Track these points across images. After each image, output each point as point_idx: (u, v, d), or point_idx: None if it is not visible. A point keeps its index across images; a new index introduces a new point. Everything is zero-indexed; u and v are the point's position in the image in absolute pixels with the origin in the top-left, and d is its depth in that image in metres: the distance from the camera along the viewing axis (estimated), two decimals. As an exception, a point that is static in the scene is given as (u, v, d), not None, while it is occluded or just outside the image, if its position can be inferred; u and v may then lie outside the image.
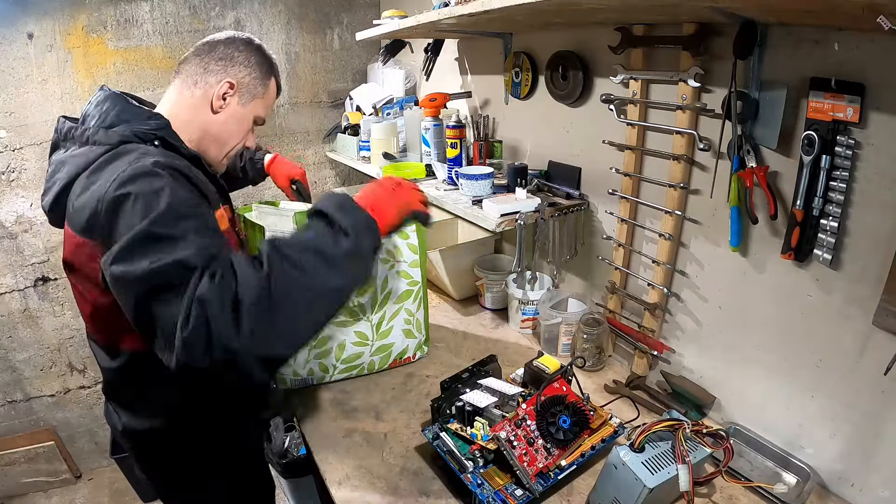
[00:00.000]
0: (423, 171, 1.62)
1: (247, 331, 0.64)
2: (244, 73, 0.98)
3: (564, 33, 1.35)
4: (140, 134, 0.86)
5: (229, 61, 0.96)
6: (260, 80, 1.01)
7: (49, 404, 2.15)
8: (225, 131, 0.99)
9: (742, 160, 0.95)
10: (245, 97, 0.99)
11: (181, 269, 0.67)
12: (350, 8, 2.28)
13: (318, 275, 0.70)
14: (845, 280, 0.88)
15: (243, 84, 0.98)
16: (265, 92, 1.03)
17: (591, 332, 1.30)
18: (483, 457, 0.94)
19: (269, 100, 1.05)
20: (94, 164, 0.80)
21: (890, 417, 0.84)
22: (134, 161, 0.77)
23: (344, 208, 0.77)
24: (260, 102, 1.03)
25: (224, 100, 0.96)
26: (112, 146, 0.83)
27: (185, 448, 1.02)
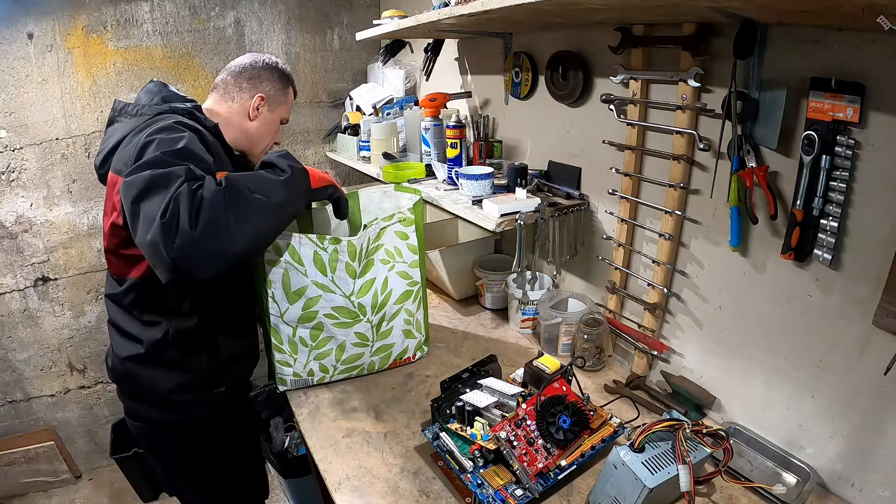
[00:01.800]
0: (423, 171, 1.62)
1: (203, 221, 0.81)
2: (269, 87, 1.25)
3: (564, 33, 1.35)
4: (176, 109, 1.10)
5: (257, 80, 1.24)
6: (282, 90, 1.28)
7: (49, 404, 2.15)
8: (259, 132, 1.26)
9: (742, 160, 0.95)
10: (272, 105, 1.27)
11: (170, 177, 0.85)
12: (350, 8, 2.28)
13: (261, 191, 0.91)
14: (845, 280, 0.88)
15: (270, 95, 1.25)
16: (286, 99, 1.31)
17: (591, 332, 1.30)
18: (483, 457, 0.94)
19: (289, 104, 1.33)
20: (138, 127, 1.02)
21: (890, 417, 0.84)
22: (165, 120, 1.01)
23: (283, 157, 1.02)
24: (284, 107, 1.30)
25: (258, 110, 1.24)
26: (152, 116, 1.06)
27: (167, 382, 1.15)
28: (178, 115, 1.07)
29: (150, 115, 1.07)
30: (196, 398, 1.17)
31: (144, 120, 1.05)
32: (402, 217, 1.22)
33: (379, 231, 1.19)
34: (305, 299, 1.13)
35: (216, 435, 1.25)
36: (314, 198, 1.08)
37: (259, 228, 0.91)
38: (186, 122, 1.04)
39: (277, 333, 1.16)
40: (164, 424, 1.19)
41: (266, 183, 0.94)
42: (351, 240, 1.14)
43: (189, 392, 1.16)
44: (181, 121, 1.03)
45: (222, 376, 1.20)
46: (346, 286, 1.16)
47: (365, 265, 1.18)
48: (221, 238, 0.84)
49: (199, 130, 1.04)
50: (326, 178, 1.10)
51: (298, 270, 1.11)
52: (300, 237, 1.10)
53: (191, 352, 1.14)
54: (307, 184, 1.03)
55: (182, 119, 1.05)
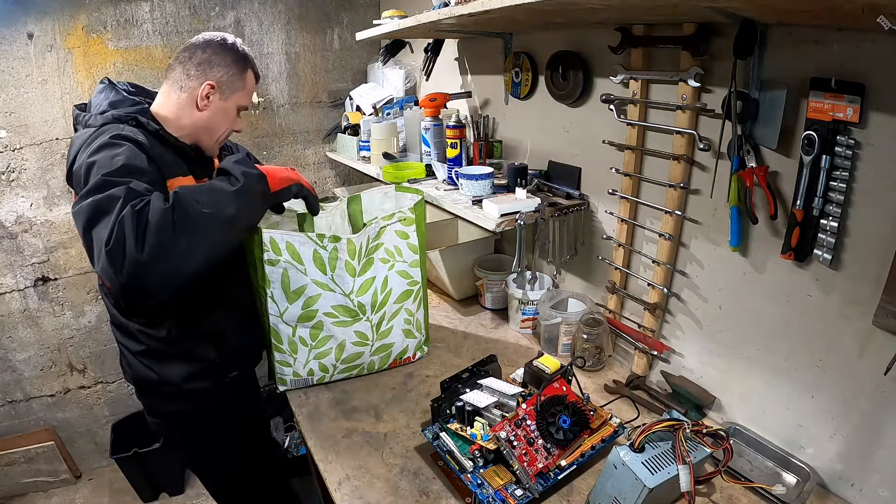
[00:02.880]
0: (423, 171, 1.62)
1: (150, 245, 0.79)
2: (221, 73, 1.12)
3: (564, 33, 1.35)
4: (119, 117, 1.04)
5: (207, 65, 1.10)
6: (237, 75, 1.14)
7: (49, 404, 2.15)
8: (213, 123, 1.14)
9: (742, 160, 0.95)
10: (226, 93, 1.13)
11: (111, 200, 0.83)
12: (350, 8, 2.28)
13: (212, 205, 0.87)
14: (845, 280, 0.88)
15: (222, 83, 1.12)
16: (243, 85, 1.16)
17: (591, 332, 1.30)
18: (483, 457, 0.94)
19: (248, 90, 1.18)
20: (85, 143, 0.99)
21: (890, 417, 0.84)
22: (106, 134, 0.97)
23: (239, 162, 0.99)
24: (240, 94, 1.16)
25: (207, 99, 1.11)
26: (98, 127, 1.02)
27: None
28: (120, 125, 1.02)
29: (95, 126, 1.03)
30: (210, 385, 1.20)
31: (91, 133, 1.01)
32: (403, 216, 1.22)
33: (379, 230, 1.19)
34: (305, 298, 1.13)
35: (233, 417, 1.27)
36: (277, 200, 1.03)
37: (211, 244, 0.88)
38: (126, 134, 0.98)
39: (277, 333, 1.16)
40: (183, 414, 1.21)
41: (217, 195, 0.89)
42: (350, 238, 1.14)
43: (202, 380, 1.18)
44: (120, 133, 0.98)
45: (233, 361, 1.23)
46: (346, 285, 1.16)
47: (365, 264, 1.18)
48: (172, 260, 0.82)
49: (139, 142, 0.98)
50: (290, 177, 1.05)
51: (298, 269, 1.11)
52: (300, 236, 1.10)
53: (197, 343, 1.16)
54: (264, 189, 0.99)
55: (121, 131, 0.99)
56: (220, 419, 1.25)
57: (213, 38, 1.13)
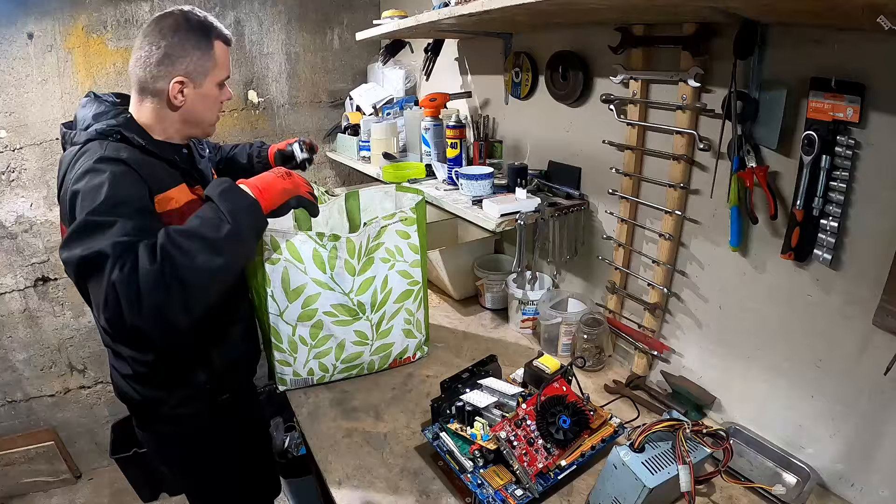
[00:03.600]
0: (423, 171, 1.62)
1: (147, 310, 0.79)
2: (186, 63, 1.00)
3: (564, 33, 1.35)
4: (102, 131, 0.97)
5: (168, 61, 0.99)
6: (203, 56, 1.02)
7: (49, 404, 2.15)
8: (196, 114, 1.07)
9: (742, 160, 0.95)
10: (198, 79, 1.03)
11: (101, 258, 0.81)
12: (350, 8, 2.28)
13: (203, 258, 0.84)
14: (845, 280, 0.88)
15: (190, 72, 1.01)
16: (214, 62, 1.04)
17: (591, 332, 1.30)
18: (483, 457, 0.94)
19: (222, 62, 1.07)
20: (71, 163, 0.94)
21: (890, 417, 0.84)
22: (86, 160, 0.92)
23: (226, 193, 0.92)
24: (216, 71, 1.06)
25: (181, 95, 1.02)
26: (82, 144, 0.96)
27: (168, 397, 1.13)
28: (104, 142, 0.96)
29: (80, 143, 0.97)
30: (201, 408, 1.15)
31: (76, 152, 0.96)
32: (404, 216, 1.22)
33: (379, 229, 1.19)
34: (305, 297, 1.13)
35: (225, 438, 1.22)
36: (275, 217, 0.99)
37: (207, 292, 0.87)
38: (109, 155, 0.92)
39: (277, 332, 1.16)
40: (172, 434, 1.17)
41: (207, 241, 0.85)
42: (350, 237, 1.14)
43: (193, 404, 1.14)
44: (103, 155, 0.92)
45: (224, 384, 1.18)
46: (346, 283, 1.16)
47: (365, 263, 1.18)
48: (170, 315, 0.82)
49: (124, 161, 0.92)
50: (286, 190, 0.99)
51: (298, 268, 1.11)
52: (300, 234, 1.10)
53: (186, 368, 1.11)
54: (257, 220, 0.94)
55: (104, 152, 0.92)
56: (214, 439, 1.20)
57: (162, 25, 1.00)
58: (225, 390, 1.19)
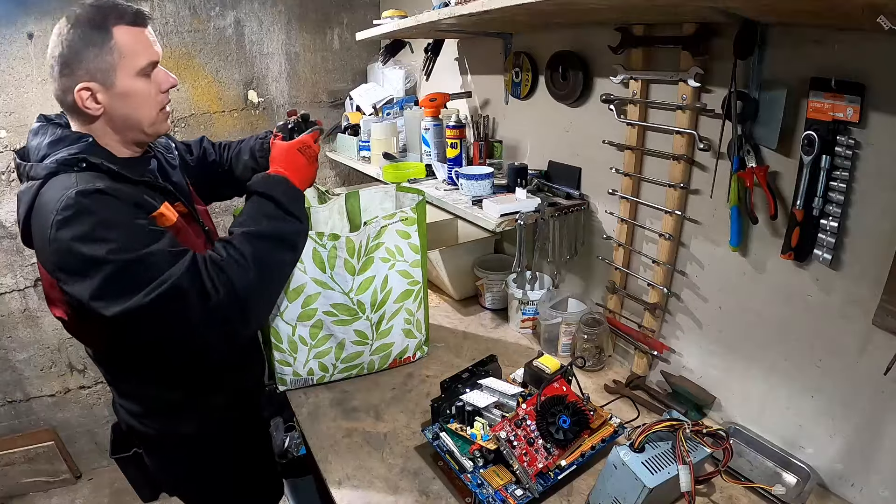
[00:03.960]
0: (423, 171, 1.62)
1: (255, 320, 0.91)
2: (85, 67, 0.84)
3: (564, 33, 1.35)
4: (64, 161, 0.84)
5: (68, 71, 0.84)
6: (102, 50, 0.84)
7: (49, 404, 2.15)
8: (125, 116, 0.90)
9: (742, 160, 0.95)
10: (106, 79, 0.85)
11: (178, 291, 0.80)
12: (350, 8, 2.28)
13: (288, 256, 0.96)
14: (845, 280, 0.88)
15: (93, 74, 0.85)
16: (117, 52, 0.85)
17: (591, 332, 1.30)
18: (483, 457, 0.94)
19: (131, 48, 0.86)
20: (33, 203, 0.84)
21: (890, 417, 0.84)
22: (59, 200, 0.78)
23: (296, 199, 0.98)
24: (125, 63, 0.86)
25: (95, 103, 0.86)
26: (42, 179, 0.84)
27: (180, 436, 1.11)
28: (71, 174, 0.83)
29: (39, 177, 0.84)
30: (210, 429, 1.12)
31: (35, 190, 0.83)
32: (405, 216, 1.22)
33: (380, 229, 1.19)
34: (304, 297, 1.13)
35: (230, 451, 1.19)
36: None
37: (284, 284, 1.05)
38: (85, 189, 0.79)
39: (276, 332, 1.16)
40: (180, 456, 1.14)
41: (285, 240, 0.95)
42: (350, 236, 1.14)
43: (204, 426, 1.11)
44: (81, 190, 0.79)
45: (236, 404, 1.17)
46: (345, 283, 1.16)
47: (364, 262, 1.18)
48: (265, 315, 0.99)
49: (103, 191, 0.81)
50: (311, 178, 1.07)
51: (297, 268, 1.11)
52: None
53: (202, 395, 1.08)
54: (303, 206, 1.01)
55: (79, 187, 0.79)
56: (215, 446, 1.15)
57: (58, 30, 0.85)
58: (236, 409, 1.17)
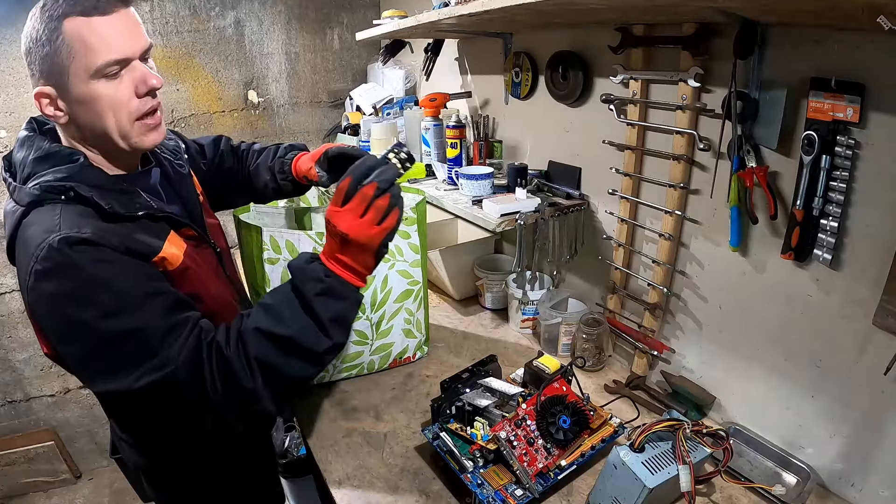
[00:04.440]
0: (423, 171, 1.62)
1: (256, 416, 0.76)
2: (40, 68, 0.73)
3: (564, 33, 1.35)
4: (49, 188, 0.71)
5: (31, 74, 0.75)
6: (50, 49, 0.71)
7: (49, 404, 2.15)
8: (95, 124, 0.75)
9: (742, 160, 0.95)
10: (60, 83, 0.72)
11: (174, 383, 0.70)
12: (350, 8, 2.28)
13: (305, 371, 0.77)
14: (845, 280, 0.88)
15: (50, 78, 0.72)
16: (67, 50, 0.70)
17: (591, 332, 1.30)
18: (483, 457, 0.94)
19: (83, 44, 0.70)
20: (15, 232, 0.73)
21: (890, 417, 0.84)
22: (40, 246, 0.67)
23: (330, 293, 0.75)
24: (77, 62, 0.71)
25: (56, 109, 0.74)
26: (24, 208, 0.72)
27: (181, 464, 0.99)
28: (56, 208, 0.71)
29: (22, 204, 0.73)
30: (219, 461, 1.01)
31: (18, 218, 0.73)
32: (405, 216, 1.21)
33: (379, 231, 1.18)
34: (305, 299, 1.13)
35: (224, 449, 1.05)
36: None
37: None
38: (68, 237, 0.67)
39: (277, 333, 1.15)
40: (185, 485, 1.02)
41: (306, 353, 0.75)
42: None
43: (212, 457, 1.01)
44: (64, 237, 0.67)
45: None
46: (346, 286, 1.16)
47: (365, 264, 1.17)
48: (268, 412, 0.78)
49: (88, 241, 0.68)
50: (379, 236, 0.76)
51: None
52: (299, 234, 1.10)
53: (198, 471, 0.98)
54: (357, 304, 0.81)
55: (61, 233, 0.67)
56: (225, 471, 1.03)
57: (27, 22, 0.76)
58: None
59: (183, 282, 0.81)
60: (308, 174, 1.08)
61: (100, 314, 0.67)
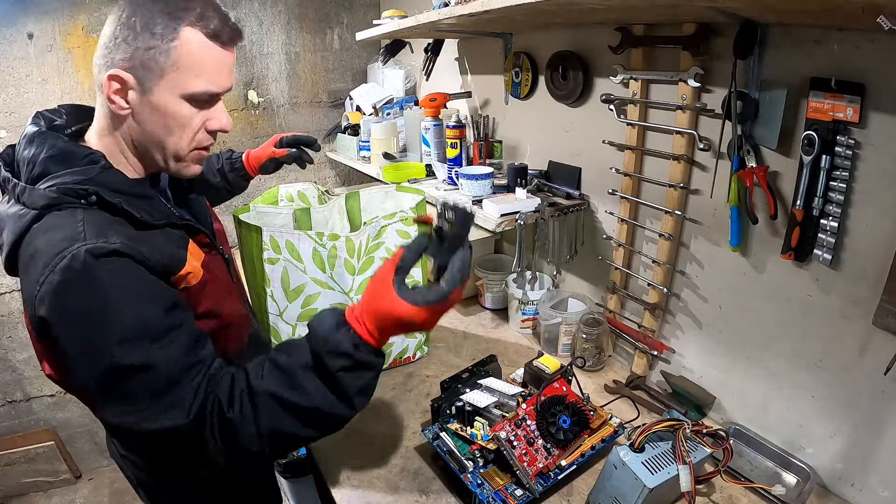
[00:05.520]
0: (423, 171, 1.62)
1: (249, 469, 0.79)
2: (129, 51, 0.67)
3: (564, 33, 1.35)
4: (68, 191, 0.66)
5: (113, 45, 0.68)
6: (158, 46, 0.67)
7: (49, 404, 2.15)
8: (150, 134, 0.72)
9: (742, 160, 0.95)
10: (148, 81, 0.68)
11: (174, 433, 0.64)
12: (350, 8, 2.28)
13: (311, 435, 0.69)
14: (845, 280, 0.88)
15: (135, 67, 0.67)
16: (176, 58, 0.68)
17: (591, 332, 1.30)
18: (483, 457, 0.94)
19: (192, 63, 0.69)
20: (23, 236, 0.66)
21: (890, 417, 0.84)
22: (60, 255, 0.61)
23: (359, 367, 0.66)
24: (178, 76, 0.69)
25: (124, 98, 0.69)
26: (37, 212, 0.66)
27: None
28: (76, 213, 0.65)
29: (34, 207, 0.66)
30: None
31: (28, 222, 0.66)
32: (405, 216, 1.22)
33: (380, 229, 1.19)
34: (304, 297, 1.13)
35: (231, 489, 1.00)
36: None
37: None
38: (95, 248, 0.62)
39: (276, 332, 1.16)
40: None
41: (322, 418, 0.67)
42: (350, 236, 1.14)
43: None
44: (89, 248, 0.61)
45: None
46: (345, 283, 1.16)
47: (365, 262, 1.18)
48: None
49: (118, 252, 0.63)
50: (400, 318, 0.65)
51: (297, 268, 1.11)
52: (299, 234, 1.10)
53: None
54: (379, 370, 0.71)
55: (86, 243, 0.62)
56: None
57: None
58: None
59: (203, 298, 0.77)
60: (263, 161, 1.25)
61: (117, 339, 0.61)
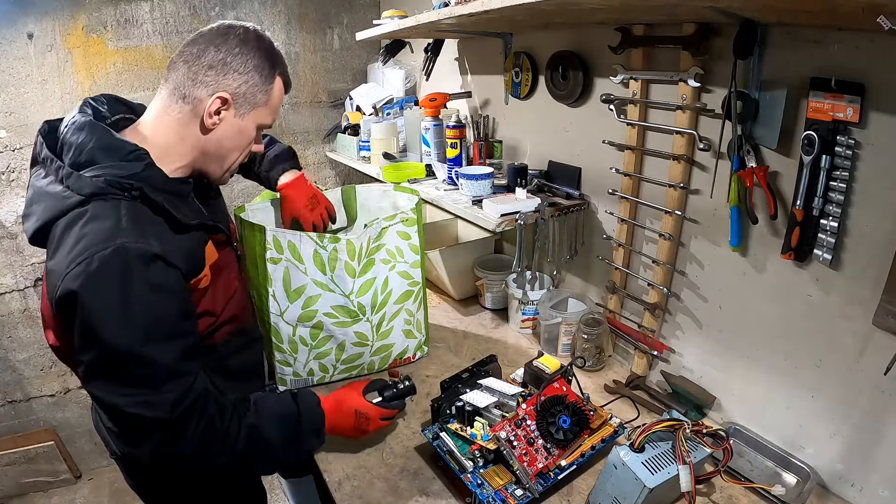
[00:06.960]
0: (423, 171, 1.62)
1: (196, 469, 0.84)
2: (240, 81, 0.84)
3: (564, 33, 1.35)
4: (115, 183, 0.73)
5: (221, 69, 0.82)
6: (260, 85, 0.87)
7: (49, 404, 2.15)
8: (223, 148, 0.88)
9: (742, 160, 0.95)
10: (243, 108, 0.86)
11: (155, 420, 0.73)
12: (350, 8, 2.28)
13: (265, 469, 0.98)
14: (845, 280, 0.88)
15: (239, 95, 0.85)
16: (268, 98, 0.89)
17: (591, 332, 1.30)
18: (483, 457, 0.94)
19: (273, 104, 0.91)
20: (65, 218, 0.72)
21: (890, 417, 0.84)
22: (97, 242, 0.68)
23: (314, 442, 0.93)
24: (263, 110, 0.89)
25: (218, 114, 0.84)
26: (83, 198, 0.72)
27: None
28: (119, 205, 0.73)
29: (81, 194, 0.72)
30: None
31: (71, 205, 0.72)
32: (405, 217, 1.22)
33: (380, 231, 1.19)
34: (305, 298, 1.13)
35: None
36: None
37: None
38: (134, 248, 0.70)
39: (277, 332, 1.16)
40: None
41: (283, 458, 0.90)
42: (350, 239, 1.14)
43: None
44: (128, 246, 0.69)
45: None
46: (346, 285, 1.16)
47: (365, 265, 1.18)
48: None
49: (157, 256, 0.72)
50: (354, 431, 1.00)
51: (298, 268, 1.11)
52: (301, 235, 1.10)
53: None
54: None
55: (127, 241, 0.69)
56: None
57: (231, 29, 0.86)
58: None
59: (204, 299, 0.88)
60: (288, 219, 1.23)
61: (129, 335, 0.70)
